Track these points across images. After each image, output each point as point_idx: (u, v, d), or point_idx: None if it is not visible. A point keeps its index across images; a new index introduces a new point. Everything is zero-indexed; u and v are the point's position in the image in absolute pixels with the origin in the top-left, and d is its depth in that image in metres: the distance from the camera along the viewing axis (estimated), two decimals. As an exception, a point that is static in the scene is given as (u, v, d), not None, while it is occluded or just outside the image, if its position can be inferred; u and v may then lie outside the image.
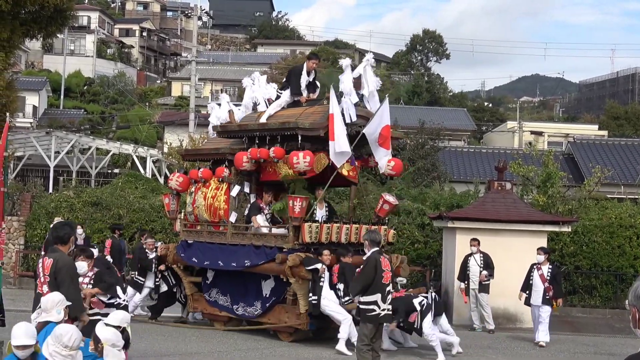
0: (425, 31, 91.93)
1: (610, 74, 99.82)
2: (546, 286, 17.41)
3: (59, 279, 9.53)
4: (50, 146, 40.27)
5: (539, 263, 17.76)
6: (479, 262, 19.24)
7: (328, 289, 15.47)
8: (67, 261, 9.75)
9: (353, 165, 16.95)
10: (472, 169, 40.14)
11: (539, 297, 17.46)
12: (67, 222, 10.37)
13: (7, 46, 29.92)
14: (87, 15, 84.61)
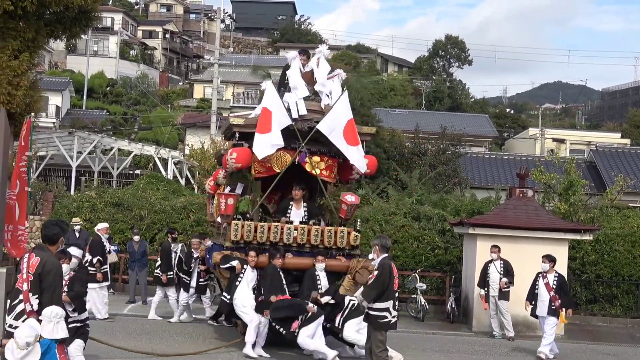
0: (447, 37, 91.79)
1: (633, 82, 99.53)
2: (552, 295, 16.62)
3: (45, 282, 9.11)
4: (73, 146, 40.45)
5: (545, 271, 16.99)
6: (499, 269, 19.17)
7: (245, 289, 15.02)
8: (56, 265, 9.33)
9: (303, 161, 15.77)
10: (493, 176, 40.06)
11: (544, 307, 16.73)
12: (57, 222, 9.94)
13: (31, 46, 29.99)
14: (111, 17, 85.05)
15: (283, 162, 15.69)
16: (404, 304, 22.85)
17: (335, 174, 16.36)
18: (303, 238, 15.48)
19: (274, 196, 17.39)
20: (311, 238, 15.41)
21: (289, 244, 15.48)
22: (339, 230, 15.59)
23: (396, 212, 25.50)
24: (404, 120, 53.23)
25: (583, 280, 23.52)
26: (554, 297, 16.52)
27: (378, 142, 37.50)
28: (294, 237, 15.47)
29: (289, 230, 15.42)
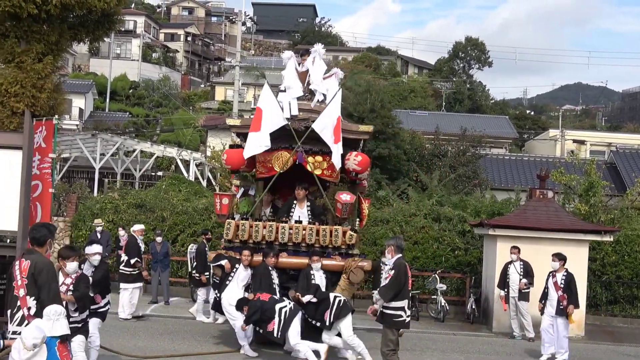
0: (467, 38, 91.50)
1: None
2: (559, 295, 16.25)
3: (39, 281, 9.19)
4: (96, 148, 40.62)
5: (554, 270, 16.62)
6: (518, 270, 19.18)
7: (235, 288, 15.01)
8: (47, 263, 9.41)
9: (301, 161, 15.71)
10: (513, 177, 39.93)
11: (553, 307, 16.34)
12: (45, 225, 10.14)
13: (55, 49, 30.07)
14: (134, 20, 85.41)
15: (283, 162, 15.73)
16: (424, 304, 22.87)
17: (337, 173, 16.17)
18: (298, 237, 15.40)
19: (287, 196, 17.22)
20: (306, 237, 15.33)
21: (285, 243, 15.43)
22: (333, 229, 15.43)
23: (416, 214, 25.48)
24: (424, 121, 53.12)
25: (603, 282, 23.43)
26: (562, 297, 16.21)
27: (398, 143, 37.48)
28: (289, 236, 15.41)
29: (283, 230, 15.38)
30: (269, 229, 15.43)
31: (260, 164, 16.04)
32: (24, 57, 29.04)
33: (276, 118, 15.30)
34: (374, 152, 34.55)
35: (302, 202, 16.26)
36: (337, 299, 14.40)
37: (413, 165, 36.57)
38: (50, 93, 29.56)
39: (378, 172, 34.35)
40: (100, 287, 12.11)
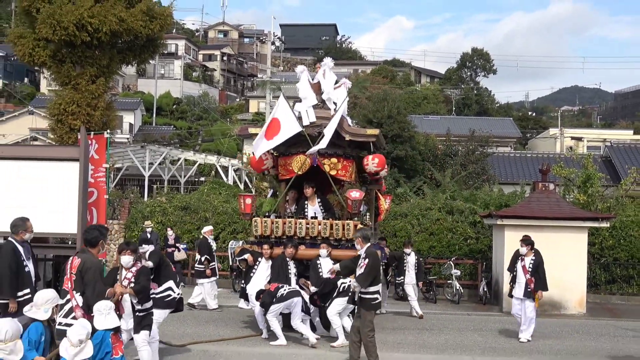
0: (474, 49, 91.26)
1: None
2: (527, 278, 15.37)
3: (86, 278, 9.29)
4: (145, 158, 40.83)
5: (523, 254, 15.71)
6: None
7: (259, 280, 14.87)
8: (95, 262, 9.53)
9: (315, 163, 15.60)
10: (518, 172, 39.76)
11: (521, 289, 15.45)
12: (97, 227, 10.10)
13: (106, 72, 30.45)
14: (175, 43, 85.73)
15: (301, 164, 15.72)
16: (441, 288, 22.84)
17: (351, 173, 16.12)
18: (314, 231, 15.36)
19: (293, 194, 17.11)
20: (321, 231, 15.27)
21: (302, 237, 15.39)
22: (345, 223, 15.31)
23: (431, 207, 25.47)
24: (437, 125, 53.00)
25: (602, 264, 23.28)
26: (530, 280, 15.34)
27: (414, 145, 37.39)
28: (306, 230, 15.38)
29: (301, 225, 15.38)
30: (288, 225, 15.46)
31: (281, 167, 16.17)
32: (79, 79, 29.36)
33: (293, 126, 15.27)
34: (392, 154, 34.50)
35: (312, 199, 16.19)
36: (342, 284, 14.22)
37: (427, 164, 36.53)
38: (103, 111, 29.92)
39: (396, 172, 34.31)
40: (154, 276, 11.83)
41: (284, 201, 16.84)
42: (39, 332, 7.98)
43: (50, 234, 11.31)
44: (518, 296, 15.51)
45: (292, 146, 15.78)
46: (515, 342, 15.44)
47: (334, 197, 16.55)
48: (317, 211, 16.05)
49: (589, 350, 14.83)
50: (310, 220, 15.62)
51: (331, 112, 15.86)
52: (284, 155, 16.10)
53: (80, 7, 27.83)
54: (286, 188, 16.36)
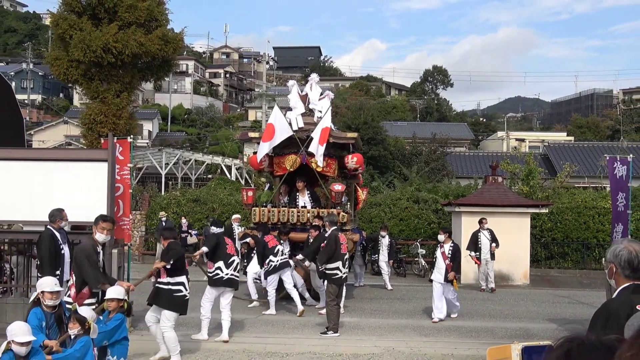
0: (434, 67, 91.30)
1: (574, 94, 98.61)
2: (447, 264, 13.91)
3: (76, 260, 8.82)
4: (162, 159, 40.74)
5: (442, 242, 14.34)
6: (488, 236, 18.56)
7: (255, 261, 14.77)
8: (81, 245, 9.02)
9: (304, 161, 15.65)
10: (472, 168, 39.87)
11: (441, 275, 13.94)
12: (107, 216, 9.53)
13: (129, 87, 30.36)
14: (186, 63, 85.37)
15: (292, 163, 15.86)
16: (409, 265, 22.86)
17: (334, 170, 16.28)
18: (303, 218, 15.57)
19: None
20: (309, 218, 15.36)
21: (294, 223, 15.62)
22: (329, 211, 15.22)
23: (401, 198, 25.50)
24: (404, 130, 53.02)
25: (542, 243, 23.40)
26: (449, 265, 13.88)
27: (385, 146, 37.45)
28: (297, 218, 15.62)
29: (292, 213, 15.65)
30: (282, 213, 15.67)
31: (276, 165, 16.33)
32: (106, 94, 29.23)
33: (285, 131, 15.45)
34: (368, 154, 34.49)
35: (303, 191, 16.34)
36: None
37: (397, 162, 36.61)
38: (126, 120, 29.81)
39: (371, 169, 34.34)
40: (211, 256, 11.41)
41: (279, 193, 16.89)
42: (38, 317, 7.15)
43: (84, 222, 11.25)
44: (439, 281, 13.94)
45: (285, 147, 15.91)
46: (471, 308, 15.49)
47: (320, 189, 16.74)
48: (307, 201, 16.22)
49: (532, 315, 14.91)
50: (300, 209, 15.81)
51: (316, 119, 15.95)
52: (278, 155, 16.23)
53: (107, 34, 27.73)
54: (280, 182, 16.46)
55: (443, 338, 12.07)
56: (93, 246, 8.88)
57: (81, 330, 6.92)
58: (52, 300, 7.23)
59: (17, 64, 78.44)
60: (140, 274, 19.58)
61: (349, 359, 10.45)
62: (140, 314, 11.94)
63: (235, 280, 11.49)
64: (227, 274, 11.25)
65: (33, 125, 60.85)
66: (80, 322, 6.92)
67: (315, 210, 15.68)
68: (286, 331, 12.37)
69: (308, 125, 15.79)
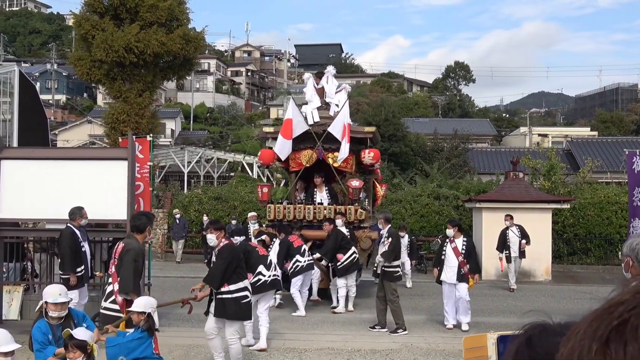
0: (456, 63, 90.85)
1: (599, 89, 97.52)
2: (460, 261, 12.37)
3: (123, 260, 8.32)
4: (184, 158, 41.01)
5: (451, 237, 12.65)
6: (517, 233, 18.00)
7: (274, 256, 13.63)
8: (135, 246, 8.46)
9: (320, 157, 15.36)
10: (493, 164, 39.66)
11: (453, 273, 12.36)
12: (145, 213, 9.27)
13: (151, 87, 30.66)
14: (208, 62, 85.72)
15: (308, 158, 15.55)
16: (430, 261, 22.79)
17: (351, 165, 15.81)
18: (320, 215, 15.27)
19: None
20: (326, 215, 15.10)
21: (310, 220, 15.35)
22: (347, 208, 15.17)
23: (421, 194, 25.46)
24: (426, 126, 52.84)
25: (564, 239, 23.26)
26: (462, 263, 12.38)
27: (407, 143, 37.40)
28: (313, 215, 15.36)
29: (309, 210, 15.41)
30: (298, 210, 15.42)
31: (292, 160, 15.92)
32: (128, 93, 29.53)
33: (301, 125, 15.24)
34: (389, 151, 34.52)
35: (321, 187, 15.99)
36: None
37: (418, 159, 36.53)
38: (149, 119, 30.12)
39: (392, 165, 34.33)
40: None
41: (295, 190, 16.56)
42: (43, 331, 6.44)
43: (105, 220, 11.42)
44: (450, 281, 12.47)
45: (301, 142, 15.62)
46: (491, 304, 15.46)
47: (337, 185, 16.36)
48: (324, 198, 15.92)
49: (553, 311, 14.65)
50: (317, 205, 15.55)
51: (332, 112, 15.68)
52: (293, 150, 15.79)
53: (128, 34, 28.00)
54: (296, 178, 16.12)
55: (461, 334, 12.05)
56: (142, 250, 8.67)
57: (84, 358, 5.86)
58: (57, 312, 6.47)
59: (41, 64, 79.36)
60: (162, 272, 19.84)
61: (367, 354, 10.49)
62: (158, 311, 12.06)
63: (278, 280, 11.10)
64: (269, 276, 10.71)
65: (57, 125, 61.55)
66: (79, 347, 5.84)
67: (332, 207, 15.39)
68: (304, 327, 12.45)
69: (324, 119, 15.50)
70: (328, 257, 13.60)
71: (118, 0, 28.69)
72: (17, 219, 11.32)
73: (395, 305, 12.08)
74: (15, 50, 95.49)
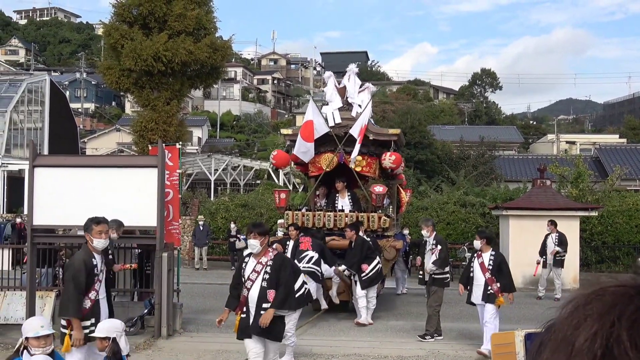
0: (482, 70, 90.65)
1: (628, 95, 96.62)
2: (487, 278, 10.93)
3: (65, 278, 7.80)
4: (211, 165, 41.32)
5: (478, 250, 11.27)
6: (554, 240, 17.81)
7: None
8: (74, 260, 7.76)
9: (341, 161, 14.48)
10: (521, 171, 39.45)
11: (479, 292, 11.04)
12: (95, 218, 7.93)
13: (178, 95, 30.91)
14: (234, 70, 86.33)
15: (329, 162, 14.73)
16: (457, 269, 22.75)
17: (374, 169, 14.80)
18: (341, 223, 14.32)
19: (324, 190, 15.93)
20: (347, 223, 14.09)
21: (331, 229, 14.46)
22: (370, 215, 14.31)
23: (448, 202, 25.43)
24: (452, 134, 52.72)
25: (592, 247, 23.07)
26: (490, 280, 10.90)
27: (433, 150, 37.35)
28: (334, 222, 14.44)
29: (329, 218, 14.50)
30: (317, 217, 14.57)
31: (311, 164, 15.06)
32: (156, 102, 29.82)
33: (321, 127, 14.37)
34: (415, 158, 34.51)
35: (343, 192, 15.04)
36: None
37: (445, 166, 36.45)
38: (176, 127, 30.36)
39: (418, 173, 34.30)
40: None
41: (314, 195, 15.73)
42: None
43: (135, 227, 11.60)
44: (477, 302, 11.22)
45: (321, 145, 14.76)
46: (517, 311, 15.37)
47: (359, 191, 15.40)
48: (346, 204, 14.98)
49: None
50: (338, 212, 14.61)
51: (354, 114, 14.75)
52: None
53: (157, 43, 28.31)
54: (315, 183, 15.30)
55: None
56: (85, 261, 7.52)
57: None
58: (41, 348, 5.44)
59: (71, 73, 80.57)
60: (189, 279, 20.00)
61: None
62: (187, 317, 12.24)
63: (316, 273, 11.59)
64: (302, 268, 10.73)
65: (87, 133, 62.42)
66: None
67: (354, 214, 14.49)
68: (332, 333, 12.52)
69: (346, 121, 14.60)
70: (355, 269, 13.05)
71: (147, 9, 29.01)
72: (50, 225, 11.54)
73: (434, 312, 12.13)
74: (46, 59, 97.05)
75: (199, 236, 24.48)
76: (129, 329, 11.58)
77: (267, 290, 7.53)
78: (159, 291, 11.45)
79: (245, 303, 7.65)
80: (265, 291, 7.53)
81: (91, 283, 7.50)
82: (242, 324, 7.68)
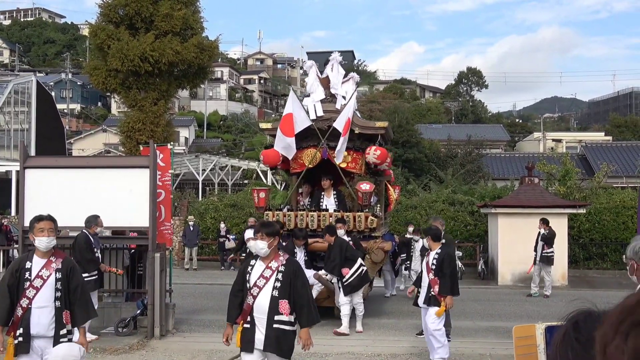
0: (469, 69, 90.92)
1: (613, 93, 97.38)
2: (430, 279, 9.65)
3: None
4: (199, 165, 41.24)
5: (429, 249, 10.15)
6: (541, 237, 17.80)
7: None
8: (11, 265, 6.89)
9: (324, 156, 13.37)
10: (508, 170, 39.64)
11: (423, 294, 9.87)
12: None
13: (165, 95, 30.89)
14: (221, 70, 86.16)
15: (312, 158, 13.62)
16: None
17: (360, 166, 13.73)
18: (325, 223, 13.16)
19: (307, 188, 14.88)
20: (332, 223, 13.02)
21: (314, 229, 13.40)
22: (356, 215, 13.32)
23: (436, 200, 25.54)
24: (439, 132, 52.91)
25: (580, 244, 23.25)
26: (433, 281, 9.61)
27: (420, 149, 37.48)
28: (317, 222, 13.41)
29: (312, 218, 13.44)
30: (299, 217, 13.48)
31: (293, 161, 13.86)
32: (143, 102, 29.80)
33: (302, 121, 13.30)
34: (403, 157, 34.59)
35: (329, 191, 13.98)
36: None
37: (432, 165, 36.61)
38: (163, 127, 30.35)
39: (407, 171, 34.39)
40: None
41: (297, 194, 14.73)
42: None
43: (126, 227, 11.60)
44: (421, 304, 9.96)
45: (303, 140, 13.61)
46: (508, 309, 15.49)
47: (344, 189, 14.48)
48: (331, 204, 13.91)
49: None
50: (321, 212, 13.53)
51: (339, 106, 13.72)
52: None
53: (144, 43, 28.29)
54: (297, 181, 14.27)
55: (480, 338, 12.16)
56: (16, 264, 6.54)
57: None
58: None
59: (56, 74, 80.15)
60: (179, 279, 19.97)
61: (387, 359, 10.60)
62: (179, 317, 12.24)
63: None
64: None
65: (73, 134, 62.12)
66: None
67: (339, 213, 13.41)
68: (324, 332, 12.55)
69: (329, 114, 13.56)
70: (336, 273, 12.16)
71: (133, 10, 28.97)
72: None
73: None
74: (30, 60, 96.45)
75: (190, 236, 24.44)
76: (122, 330, 11.59)
77: (279, 300, 6.38)
78: (151, 291, 11.45)
79: (250, 312, 6.47)
80: (277, 301, 6.38)
81: (21, 289, 6.29)
82: (244, 336, 6.52)
